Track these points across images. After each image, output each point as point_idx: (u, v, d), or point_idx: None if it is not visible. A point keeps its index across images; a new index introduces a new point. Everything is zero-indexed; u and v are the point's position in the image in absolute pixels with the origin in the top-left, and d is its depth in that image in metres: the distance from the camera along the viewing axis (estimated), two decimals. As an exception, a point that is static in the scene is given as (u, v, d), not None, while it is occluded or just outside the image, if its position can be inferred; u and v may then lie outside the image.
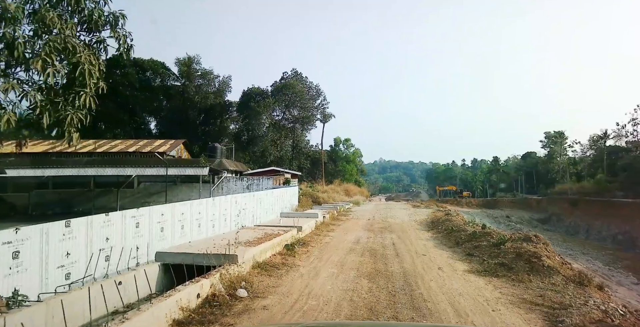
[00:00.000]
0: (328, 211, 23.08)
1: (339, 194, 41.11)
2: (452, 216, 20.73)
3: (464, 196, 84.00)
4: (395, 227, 18.46)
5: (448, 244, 13.28)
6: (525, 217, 61.68)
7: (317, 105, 49.38)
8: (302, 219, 16.81)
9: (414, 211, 29.46)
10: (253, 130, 42.89)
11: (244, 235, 11.64)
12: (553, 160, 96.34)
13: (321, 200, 32.26)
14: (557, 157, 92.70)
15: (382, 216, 24.90)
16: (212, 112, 46.26)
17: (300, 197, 31.11)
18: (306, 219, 16.94)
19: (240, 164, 38.20)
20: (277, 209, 22.43)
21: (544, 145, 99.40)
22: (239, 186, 29.56)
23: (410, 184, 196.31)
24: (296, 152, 46.79)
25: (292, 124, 47.22)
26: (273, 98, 45.02)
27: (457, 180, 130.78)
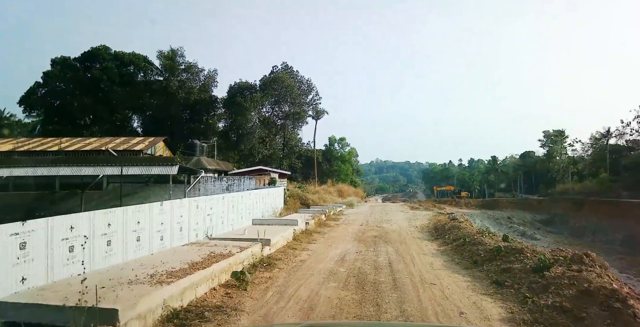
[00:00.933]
0: (314, 215, 19.70)
1: (331, 195, 37.70)
2: (459, 221, 17.30)
3: (462, 196, 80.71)
4: (393, 236, 15.07)
5: (462, 262, 9.86)
6: (527, 218, 58.40)
7: (308, 101, 45.83)
8: (277, 228, 13.43)
9: (412, 213, 26.11)
10: (240, 127, 39.51)
11: (180, 256, 8.25)
12: (552, 159, 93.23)
13: (310, 202, 28.85)
14: (557, 157, 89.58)
15: (377, 220, 21.53)
16: (198, 109, 42.80)
17: (287, 199, 27.73)
18: (282, 228, 13.56)
19: (224, 163, 34.78)
20: (257, 213, 19.10)
21: (543, 144, 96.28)
22: (217, 186, 26.13)
23: (407, 184, 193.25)
24: (287, 151, 43.34)
25: (282, 121, 43.71)
26: (261, 93, 41.56)
27: (455, 180, 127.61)
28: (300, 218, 17.05)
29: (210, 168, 28.50)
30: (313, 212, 21.91)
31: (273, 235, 11.58)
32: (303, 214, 20.53)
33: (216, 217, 13.93)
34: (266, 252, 10.27)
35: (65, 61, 43.64)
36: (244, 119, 38.86)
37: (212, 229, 13.11)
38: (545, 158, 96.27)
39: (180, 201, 11.79)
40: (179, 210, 11.12)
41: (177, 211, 11.04)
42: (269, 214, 21.03)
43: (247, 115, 38.64)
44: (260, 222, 14.96)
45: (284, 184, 34.74)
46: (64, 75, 43.32)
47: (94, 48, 43.02)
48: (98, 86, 42.53)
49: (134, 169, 21.28)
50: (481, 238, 11.55)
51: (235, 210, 16.27)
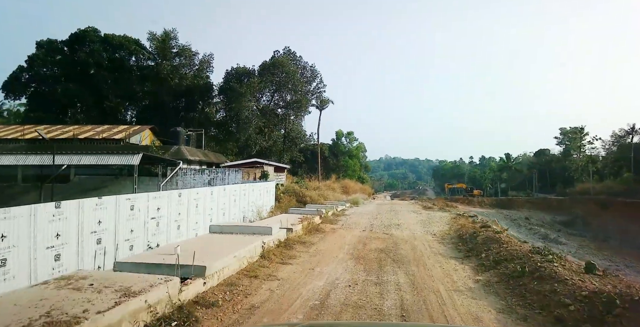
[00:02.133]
0: (305, 217, 15.42)
1: (334, 191, 33.39)
2: (493, 230, 12.79)
3: (475, 195, 75.66)
4: (405, 250, 10.70)
5: (537, 318, 5.50)
6: (547, 219, 53.42)
7: (312, 89, 41.32)
8: (238, 240, 9.18)
9: (427, 215, 21.68)
10: (236, 116, 35.35)
11: None
12: (569, 157, 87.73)
13: (308, 199, 24.55)
14: (575, 154, 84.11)
15: (384, 223, 17.16)
16: (192, 96, 38.69)
17: (281, 196, 23.48)
18: (247, 239, 9.27)
19: (214, 154, 30.62)
20: (234, 213, 15.02)
21: (559, 142, 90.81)
22: (198, 180, 21.99)
23: (416, 181, 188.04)
24: (289, 143, 39.04)
25: (283, 110, 39.28)
26: (260, 78, 37.21)
27: (465, 178, 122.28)
28: (282, 222, 12.75)
29: (194, 159, 24.34)
30: (306, 212, 17.61)
31: (220, 255, 7.33)
32: (291, 216, 16.25)
33: (167, 223, 9.83)
34: (194, 291, 6.01)
35: (52, 44, 39.76)
36: (239, 106, 34.62)
37: (162, 236, 9.04)
38: (561, 156, 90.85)
39: (101, 200, 7.57)
40: (96, 213, 7.03)
41: (93, 215, 6.95)
42: (251, 214, 16.82)
43: (242, 102, 34.39)
44: (221, 230, 10.61)
45: (282, 178, 30.53)
46: (49, 59, 39.48)
47: (82, 30, 39.01)
48: (85, 71, 38.62)
49: (88, 158, 17.13)
50: (548, 265, 7.12)
51: (199, 211, 12.14)
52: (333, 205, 24.85)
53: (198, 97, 39.13)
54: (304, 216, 16.03)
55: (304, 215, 16.50)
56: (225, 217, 14.51)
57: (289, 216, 16.42)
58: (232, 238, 9.39)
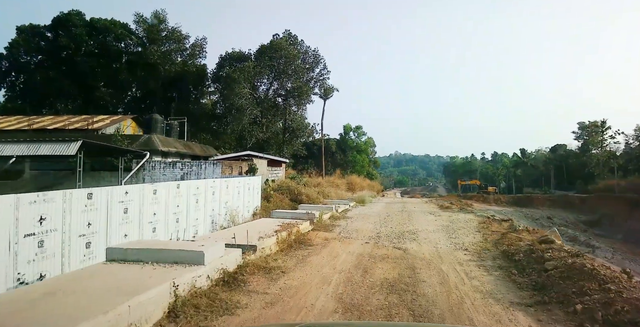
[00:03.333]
0: (290, 224, 11.22)
1: (337, 188, 29.06)
2: (561, 248, 8.39)
3: (490, 192, 70.55)
4: (430, 287, 6.32)
5: None
6: (570, 218, 48.38)
7: (315, 76, 36.77)
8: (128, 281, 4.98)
9: (447, 217, 17.24)
10: (229, 104, 31.22)
11: None
12: (588, 153, 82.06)
13: (304, 198, 20.26)
14: (596, 149, 78.44)
15: (394, 230, 12.83)
16: (184, 84, 34.64)
17: (272, 194, 19.33)
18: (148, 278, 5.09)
19: (200, 146, 26.47)
20: (198, 219, 11.04)
21: (577, 136, 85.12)
22: (169, 174, 17.86)
23: (426, 177, 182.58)
24: (289, 135, 34.68)
25: (283, 99, 34.90)
26: (256, 63, 32.93)
27: (477, 174, 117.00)
28: (249, 234, 8.55)
29: (168, 150, 20.19)
30: (294, 215, 13.37)
31: None
32: (272, 221, 12.01)
33: (68, 242, 5.78)
34: None
35: (34, 29, 35.97)
36: (232, 93, 30.44)
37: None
38: (579, 151, 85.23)
39: None
40: None
41: None
42: (224, 219, 12.71)
43: (236, 89, 30.19)
44: (125, 256, 6.27)
45: (279, 173, 26.36)
46: (31, 46, 35.70)
47: (65, 14, 35.13)
48: (69, 58, 34.77)
49: (11, 147, 13.08)
50: None
51: (129, 219, 8.12)
52: (334, 204, 20.58)
53: (191, 86, 35.06)
54: (288, 221, 11.79)
55: (290, 220, 12.30)
56: (179, 226, 10.39)
57: (269, 221, 12.19)
58: (126, 276, 5.17)
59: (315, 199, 20.60)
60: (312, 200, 20.47)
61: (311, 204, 19.94)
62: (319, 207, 17.55)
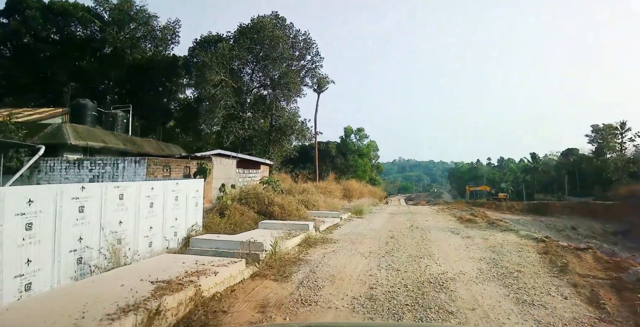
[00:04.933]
0: (200, 270, 5.32)
1: (330, 196, 22.98)
2: None
3: (501, 198, 64.29)
4: None
5: None
6: (596, 228, 41.85)
7: (306, 65, 30.04)
8: None
9: (480, 239, 11.14)
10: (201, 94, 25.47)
11: None
12: (602, 157, 75.37)
13: (276, 210, 14.25)
14: (613, 153, 71.81)
15: (405, 275, 6.78)
16: (154, 75, 28.93)
17: (230, 206, 13.37)
18: None
19: (155, 143, 20.62)
20: (44, 261, 4.81)
21: (591, 140, 78.37)
22: (74, 177, 11.98)
23: (430, 183, 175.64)
24: (276, 133, 28.50)
25: (270, 90, 28.98)
26: (234, 45, 27.15)
27: (484, 180, 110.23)
28: None
29: (89, 145, 14.36)
30: (231, 247, 7.47)
31: None
32: (178, 260, 6.11)
33: None
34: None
35: (-14, 13, 30.60)
36: (203, 80, 24.59)
37: None
38: (593, 156, 78.52)
39: None
40: None
41: None
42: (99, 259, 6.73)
43: (208, 76, 24.31)
44: None
45: (256, 177, 20.45)
46: (-20, 32, 30.20)
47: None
48: (21, 44, 29.20)
49: None
50: None
51: None
52: (318, 218, 14.64)
53: (164, 77, 29.30)
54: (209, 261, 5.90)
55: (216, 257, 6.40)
56: None
57: (170, 261, 6.28)
58: None
59: (293, 211, 14.55)
60: (289, 212, 14.45)
61: (285, 218, 13.98)
62: (290, 225, 11.56)
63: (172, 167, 13.19)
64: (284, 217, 14.15)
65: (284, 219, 13.89)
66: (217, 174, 16.61)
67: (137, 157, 12.01)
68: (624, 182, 62.90)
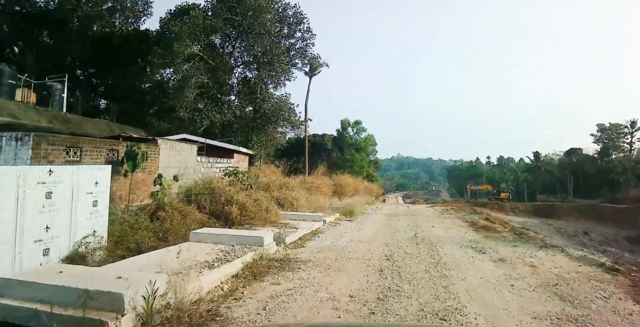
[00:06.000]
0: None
1: (317, 192, 19.13)
2: None
3: (503, 198, 60.35)
4: None
5: None
6: (609, 233, 37.85)
7: (295, 43, 25.75)
8: None
9: (519, 262, 7.44)
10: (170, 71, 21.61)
11: None
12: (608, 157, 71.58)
13: (233, 212, 10.45)
14: (620, 154, 68.03)
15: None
16: (122, 49, 24.96)
17: (169, 205, 9.50)
18: None
19: (104, 124, 16.81)
20: None
21: (597, 139, 74.48)
22: None
23: (428, 181, 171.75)
24: (260, 120, 24.40)
25: (256, 72, 25.31)
26: (210, 14, 23.20)
27: (484, 179, 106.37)
28: None
29: None
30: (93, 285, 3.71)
31: None
32: None
33: None
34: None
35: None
36: (171, 54, 20.68)
37: None
38: (598, 156, 74.71)
39: None
40: None
41: None
42: None
43: (178, 48, 20.32)
44: None
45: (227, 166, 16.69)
46: None
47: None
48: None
49: None
50: None
51: None
52: (291, 223, 10.86)
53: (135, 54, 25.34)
54: None
55: None
56: None
57: None
58: None
59: (259, 212, 10.72)
60: (252, 214, 10.62)
61: (245, 222, 10.20)
62: (238, 237, 7.71)
63: (84, 150, 9.32)
64: (244, 220, 10.35)
65: (241, 224, 10.08)
66: (167, 162, 12.77)
67: (19, 133, 8.14)
68: (632, 184, 59.30)
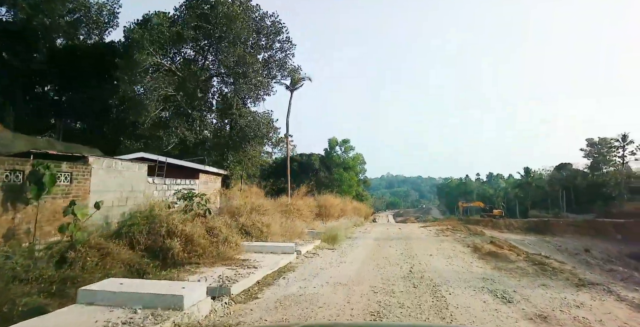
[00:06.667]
0: None
1: (295, 216, 16.65)
2: None
3: (496, 215, 58.26)
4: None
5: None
6: (611, 250, 35.76)
7: (274, 55, 23.18)
8: None
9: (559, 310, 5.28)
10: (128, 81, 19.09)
11: None
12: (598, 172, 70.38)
13: (175, 248, 8.00)
14: (611, 168, 66.81)
15: None
16: (85, 63, 22.71)
17: (78, 240, 6.92)
18: None
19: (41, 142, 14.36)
20: None
21: (586, 154, 73.45)
22: None
23: (418, 199, 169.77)
24: (237, 138, 21.85)
25: (232, 87, 22.53)
26: (177, 22, 20.96)
27: (474, 195, 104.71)
28: None
29: None
30: None
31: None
32: None
33: None
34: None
35: None
36: (132, 64, 18.30)
37: None
38: (588, 171, 73.54)
39: None
40: None
41: None
42: None
43: (138, 58, 17.99)
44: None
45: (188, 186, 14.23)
46: None
47: None
48: None
49: None
50: None
51: None
52: (252, 259, 8.37)
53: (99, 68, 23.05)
54: None
55: None
56: None
57: None
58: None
59: (209, 247, 8.28)
60: (202, 249, 8.16)
61: (194, 263, 7.75)
62: (149, 296, 5.21)
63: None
64: (189, 258, 7.87)
65: (183, 265, 7.62)
66: (103, 185, 10.25)
67: None
68: (625, 198, 57.90)
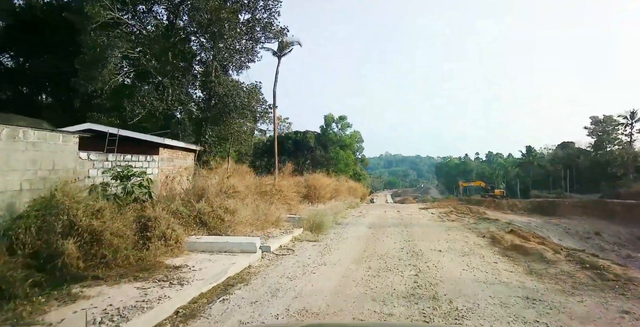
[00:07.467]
0: None
1: (282, 199, 13.95)
2: None
3: (497, 195, 56.00)
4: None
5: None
6: (622, 233, 33.71)
7: (256, 14, 19.49)
8: None
9: None
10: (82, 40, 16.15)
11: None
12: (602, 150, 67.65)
13: (71, 252, 5.47)
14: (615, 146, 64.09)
15: None
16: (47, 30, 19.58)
17: None
18: None
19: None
20: None
21: (590, 132, 70.58)
22: None
23: (417, 179, 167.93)
24: (216, 110, 18.97)
25: (211, 52, 18.56)
26: None
27: (474, 175, 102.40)
28: None
29: None
30: None
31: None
32: None
33: None
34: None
35: None
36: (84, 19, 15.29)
37: None
38: (592, 149, 70.88)
39: None
40: None
41: None
42: None
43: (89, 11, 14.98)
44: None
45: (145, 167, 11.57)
46: None
47: None
48: None
49: None
50: None
51: None
52: (197, 259, 5.59)
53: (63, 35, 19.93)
54: None
55: None
56: None
57: None
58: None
59: (125, 249, 5.68)
60: (113, 253, 5.52)
61: (97, 276, 5.03)
62: None
63: None
64: (91, 268, 5.22)
65: (77, 279, 4.98)
66: (7, 161, 7.47)
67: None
68: (632, 178, 55.50)
